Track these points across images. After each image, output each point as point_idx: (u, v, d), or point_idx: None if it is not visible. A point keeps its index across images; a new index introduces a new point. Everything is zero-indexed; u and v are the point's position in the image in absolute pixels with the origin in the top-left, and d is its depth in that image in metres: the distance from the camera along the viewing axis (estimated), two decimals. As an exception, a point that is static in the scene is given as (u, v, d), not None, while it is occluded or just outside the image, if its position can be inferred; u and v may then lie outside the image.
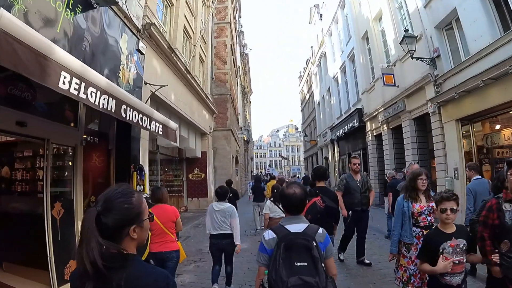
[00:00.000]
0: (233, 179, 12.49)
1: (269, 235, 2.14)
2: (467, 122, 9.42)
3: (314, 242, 2.02)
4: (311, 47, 33.27)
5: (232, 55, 22.19)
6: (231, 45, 20.89)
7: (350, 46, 19.07)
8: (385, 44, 14.77)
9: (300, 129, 63.46)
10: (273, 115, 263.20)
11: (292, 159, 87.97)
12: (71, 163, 5.07)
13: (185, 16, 11.73)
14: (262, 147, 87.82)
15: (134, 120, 4.23)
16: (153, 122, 4.82)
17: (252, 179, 31.49)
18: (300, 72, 44.92)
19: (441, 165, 10.09)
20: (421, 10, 10.89)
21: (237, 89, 29.03)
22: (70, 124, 5.14)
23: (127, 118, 4.04)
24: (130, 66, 6.23)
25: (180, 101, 10.22)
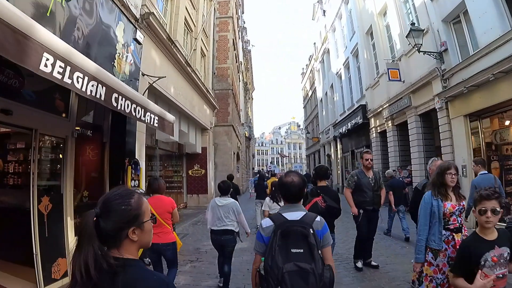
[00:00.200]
0: (234, 175, 12.20)
1: (266, 223, 2.16)
2: (476, 118, 9.15)
3: (311, 229, 2.02)
4: (314, 44, 32.93)
5: (234, 50, 21.90)
6: (233, 40, 20.59)
7: (354, 42, 18.79)
8: (389, 39, 14.49)
9: (302, 127, 63.19)
10: (275, 112, 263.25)
11: (294, 156, 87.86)
12: (61, 156, 4.81)
13: (186, 9, 11.45)
14: (264, 144, 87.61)
15: (127, 110, 3.97)
16: (148, 113, 4.56)
17: (254, 176, 31.55)
18: (302, 69, 44.56)
19: (448, 162, 9.78)
20: (427, 4, 10.60)
21: (239, 85, 28.75)
22: (61, 114, 4.88)
23: (119, 107, 3.78)
24: (126, 56, 5.97)
25: (180, 95, 9.96)
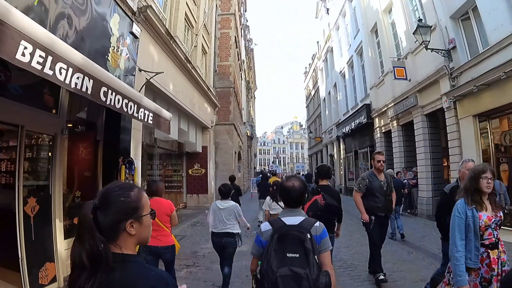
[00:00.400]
0: (235, 175, 11.94)
1: (265, 227, 2.16)
2: (485, 118, 8.83)
3: (308, 234, 2.00)
4: (317, 42, 32.58)
5: (236, 47, 21.58)
6: (235, 37, 20.27)
7: (358, 40, 18.49)
8: (395, 37, 14.17)
9: (304, 126, 62.87)
10: (277, 112, 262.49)
11: (296, 156, 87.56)
12: (50, 154, 4.54)
13: (187, 4, 11.17)
14: (266, 144, 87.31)
15: (117, 106, 3.69)
16: (141, 109, 4.28)
17: (256, 176, 31.30)
18: (305, 68, 44.18)
19: (456, 164, 9.43)
20: (435, 0, 10.26)
21: (241, 83, 28.43)
22: (50, 110, 4.61)
23: (108, 102, 3.51)
24: (121, 50, 5.69)
25: (180, 92, 9.67)
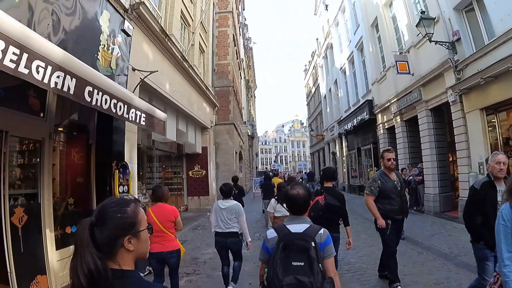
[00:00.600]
0: (237, 175, 11.67)
1: (271, 234, 2.20)
2: (492, 111, 8.56)
3: (313, 242, 2.03)
4: (317, 39, 32.25)
5: (235, 46, 21.26)
6: (233, 36, 19.96)
7: (358, 35, 18.21)
8: (396, 31, 13.88)
9: (305, 124, 62.54)
10: (278, 111, 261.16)
11: (298, 154, 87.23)
12: (37, 160, 4.27)
13: (182, 2, 10.88)
14: (268, 143, 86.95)
15: (105, 106, 3.42)
16: (132, 110, 4.01)
17: (258, 176, 31.01)
18: (305, 65, 43.84)
19: (464, 159, 9.19)
20: (437, -8, 9.98)
21: (241, 82, 28.12)
22: (37, 113, 4.34)
23: (94, 103, 3.24)
24: (112, 48, 5.41)
25: (177, 92, 9.39)
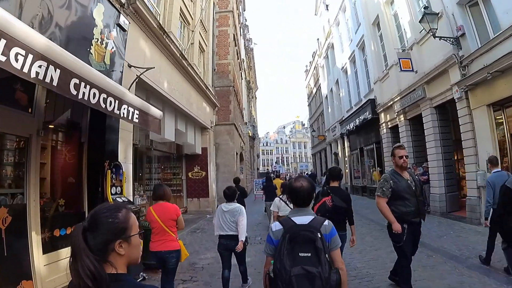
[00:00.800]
0: (238, 177, 11.40)
1: (276, 226, 2.21)
2: (499, 107, 8.31)
3: (318, 233, 2.06)
4: (317, 39, 32.08)
5: (236, 46, 21.04)
6: (234, 35, 19.73)
7: (359, 34, 18.00)
8: (398, 29, 13.65)
9: (307, 125, 62.29)
10: (279, 112, 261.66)
11: (299, 155, 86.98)
12: (24, 158, 4.04)
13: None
14: (269, 144, 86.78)
15: (93, 101, 3.19)
16: (124, 106, 3.78)
17: (259, 177, 30.77)
18: (306, 66, 43.68)
19: (471, 157, 8.91)
20: (440, -13, 9.75)
21: (242, 83, 27.90)
22: (25, 109, 4.12)
23: (80, 96, 3.01)
24: (107, 42, 5.19)
25: (175, 91, 9.15)
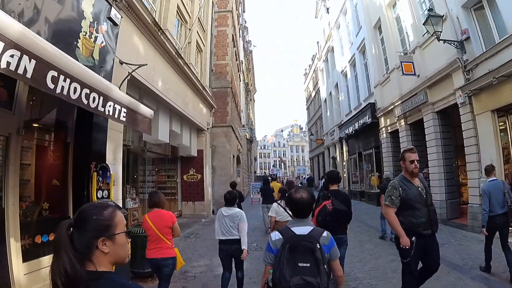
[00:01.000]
0: (234, 180, 11.08)
1: (275, 236, 2.23)
2: (503, 113, 8.12)
3: (318, 244, 2.09)
4: (317, 42, 31.94)
5: (234, 47, 20.77)
6: (233, 36, 19.45)
7: (360, 37, 17.83)
8: (400, 32, 13.47)
9: (304, 129, 62.14)
10: (277, 115, 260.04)
11: (297, 159, 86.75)
12: (2, 158, 3.73)
13: (179, -3, 10.41)
14: (266, 147, 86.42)
15: (73, 96, 2.89)
16: (110, 103, 3.47)
17: (256, 181, 30.46)
18: (305, 69, 43.55)
19: (474, 163, 8.67)
20: (445, -11, 9.56)
21: (240, 85, 27.61)
22: (5, 106, 3.81)
23: (58, 90, 2.71)
24: (96, 36, 4.89)
25: (170, 90, 8.85)
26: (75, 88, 2.89)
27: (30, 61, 2.46)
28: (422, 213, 3.52)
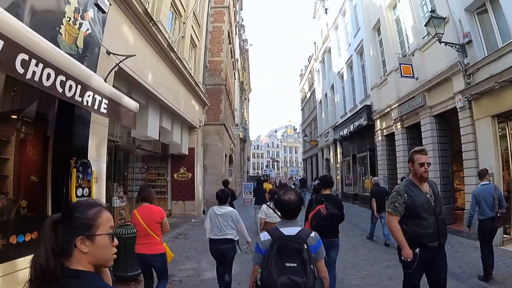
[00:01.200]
0: (228, 180, 10.76)
1: (264, 236, 2.27)
2: (503, 119, 7.96)
3: (305, 244, 2.13)
4: (314, 43, 31.75)
5: (230, 44, 20.42)
6: (228, 32, 19.09)
7: (358, 39, 17.68)
8: (400, 34, 13.30)
9: (298, 130, 62.01)
10: (272, 116, 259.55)
11: (290, 160, 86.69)
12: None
13: (174, -11, 10.08)
14: (260, 147, 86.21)
15: (46, 83, 2.58)
16: (89, 93, 3.16)
17: (248, 181, 30.15)
18: (301, 70, 43.34)
19: (472, 169, 8.49)
20: (447, -8, 9.39)
21: (234, 83, 27.26)
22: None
23: (29, 76, 2.41)
24: (81, 23, 4.55)
25: (161, 85, 8.49)
26: (48, 74, 2.58)
27: (-5, 41, 2.15)
28: (429, 223, 3.15)
